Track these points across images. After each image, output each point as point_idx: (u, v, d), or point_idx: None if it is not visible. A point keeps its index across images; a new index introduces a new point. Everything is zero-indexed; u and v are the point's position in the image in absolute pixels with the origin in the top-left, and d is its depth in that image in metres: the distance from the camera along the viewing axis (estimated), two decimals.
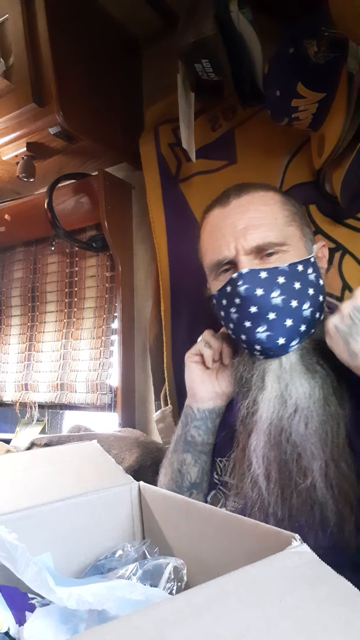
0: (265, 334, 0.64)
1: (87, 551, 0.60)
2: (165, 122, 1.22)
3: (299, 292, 0.65)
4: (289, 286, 0.65)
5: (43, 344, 1.54)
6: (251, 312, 0.65)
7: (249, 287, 0.64)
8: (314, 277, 0.68)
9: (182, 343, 1.16)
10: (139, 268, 1.37)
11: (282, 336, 0.64)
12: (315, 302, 0.67)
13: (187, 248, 1.18)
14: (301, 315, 0.65)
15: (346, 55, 0.79)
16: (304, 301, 0.66)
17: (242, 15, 0.89)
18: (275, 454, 0.62)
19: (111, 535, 0.62)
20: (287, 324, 0.64)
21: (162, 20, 1.27)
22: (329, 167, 0.93)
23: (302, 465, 0.60)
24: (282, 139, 1.03)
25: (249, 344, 0.67)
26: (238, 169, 1.10)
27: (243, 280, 0.65)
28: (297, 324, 0.65)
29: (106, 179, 1.31)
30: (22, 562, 0.44)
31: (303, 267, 0.67)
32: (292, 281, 0.65)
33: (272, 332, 0.64)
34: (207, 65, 0.91)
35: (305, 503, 0.59)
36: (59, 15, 1.10)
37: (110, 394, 1.35)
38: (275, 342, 0.64)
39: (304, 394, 0.63)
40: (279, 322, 0.64)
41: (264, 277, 0.65)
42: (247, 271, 0.65)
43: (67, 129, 1.12)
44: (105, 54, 1.26)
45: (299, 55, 0.79)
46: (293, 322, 0.65)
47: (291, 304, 0.65)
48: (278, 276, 0.65)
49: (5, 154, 1.26)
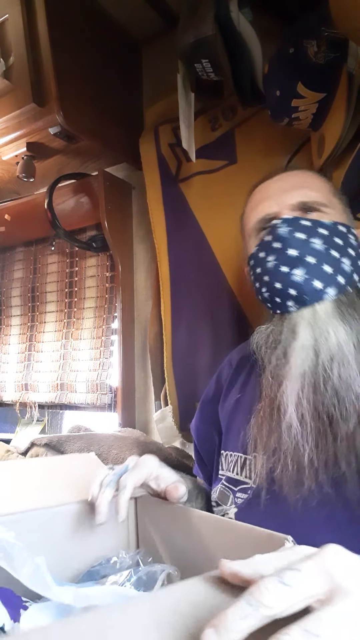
0: (303, 277, 0.62)
1: (81, 558, 0.60)
2: (165, 122, 1.22)
3: (340, 247, 0.65)
4: (330, 238, 0.65)
5: (43, 344, 1.54)
6: (290, 255, 0.63)
7: (290, 230, 0.64)
8: (356, 244, 0.68)
9: (182, 343, 1.17)
10: (139, 268, 1.37)
11: (319, 279, 0.62)
12: (355, 264, 0.66)
13: (187, 248, 1.18)
14: (340, 266, 0.64)
15: (346, 55, 0.79)
16: (344, 255, 0.65)
17: (242, 15, 0.89)
18: (312, 398, 0.59)
19: (106, 543, 0.62)
20: (325, 269, 0.63)
21: (162, 20, 1.27)
22: (329, 167, 0.92)
23: (342, 410, 0.58)
24: (282, 139, 1.03)
25: (283, 293, 0.64)
26: (238, 169, 1.10)
27: (286, 223, 0.65)
28: (335, 272, 0.63)
29: (106, 179, 1.31)
30: (20, 560, 0.44)
31: (346, 230, 0.67)
32: (334, 235, 0.65)
33: (310, 275, 0.62)
34: (207, 65, 0.91)
35: (347, 448, 0.57)
36: (59, 15, 1.10)
37: (110, 394, 1.35)
38: (312, 284, 0.62)
39: (341, 341, 0.60)
40: (317, 266, 0.63)
41: (306, 224, 0.65)
42: (291, 217, 0.66)
43: (67, 129, 1.12)
44: (105, 54, 1.26)
45: (299, 55, 0.79)
46: (332, 270, 0.63)
47: (331, 253, 0.64)
48: (320, 227, 0.65)
49: (5, 154, 1.26)
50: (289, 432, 0.60)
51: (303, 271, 0.62)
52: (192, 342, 1.15)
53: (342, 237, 0.66)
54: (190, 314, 1.16)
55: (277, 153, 1.04)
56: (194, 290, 1.16)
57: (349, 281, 0.65)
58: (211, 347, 1.11)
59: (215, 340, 1.11)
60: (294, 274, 0.63)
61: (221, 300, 1.10)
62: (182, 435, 1.16)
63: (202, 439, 0.86)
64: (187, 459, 1.13)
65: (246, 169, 1.10)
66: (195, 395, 1.14)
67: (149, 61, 1.37)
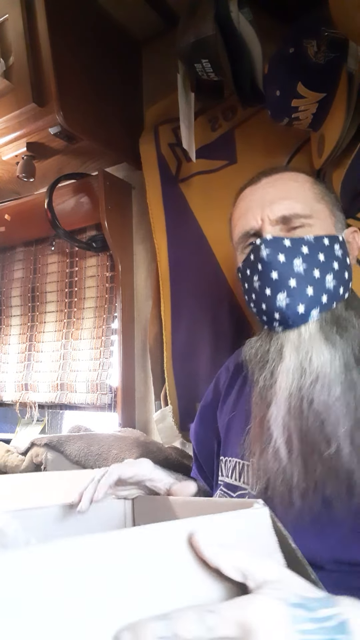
0: (285, 301, 0.63)
1: None
2: (165, 122, 1.22)
3: (323, 264, 0.65)
4: (312, 256, 0.65)
5: (43, 344, 1.54)
6: (272, 278, 0.64)
7: (270, 253, 0.64)
8: (341, 254, 0.67)
9: (182, 343, 1.17)
10: (139, 268, 1.37)
11: (302, 303, 0.63)
12: (340, 277, 0.66)
13: (187, 248, 1.18)
14: (323, 285, 0.64)
15: (346, 55, 0.79)
16: (327, 272, 0.65)
17: (242, 15, 0.89)
18: (297, 423, 0.61)
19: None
20: (308, 292, 0.64)
21: (162, 21, 1.27)
22: (329, 167, 0.92)
23: (326, 433, 0.59)
24: (282, 139, 1.03)
25: (268, 314, 0.66)
26: (238, 169, 1.10)
27: (265, 244, 0.65)
28: (318, 293, 0.64)
29: (106, 179, 1.31)
30: (12, 536, 0.45)
31: (329, 242, 0.67)
32: (316, 252, 0.65)
33: (292, 300, 0.63)
34: (207, 65, 0.91)
35: (330, 472, 0.58)
36: (59, 15, 1.10)
37: (110, 394, 1.35)
38: (295, 309, 0.63)
39: (324, 362, 0.61)
40: (299, 290, 0.63)
41: (287, 244, 0.65)
42: (271, 238, 0.65)
43: (67, 129, 1.12)
44: (105, 54, 1.26)
45: (299, 55, 0.79)
46: (314, 291, 0.64)
47: (313, 273, 0.64)
48: (302, 245, 0.65)
49: (5, 154, 1.26)
50: (276, 456, 0.61)
51: (285, 295, 0.63)
52: (192, 342, 1.15)
53: (326, 251, 0.66)
54: (190, 314, 1.16)
55: (277, 153, 1.04)
56: (193, 290, 1.16)
57: (334, 297, 0.66)
58: (211, 347, 1.11)
59: (215, 340, 1.11)
60: (278, 299, 0.64)
61: (221, 300, 1.10)
62: (182, 435, 1.16)
63: (201, 444, 0.86)
64: (187, 459, 1.13)
65: (246, 169, 1.09)
66: (195, 395, 1.14)
67: (149, 61, 1.37)
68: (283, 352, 0.64)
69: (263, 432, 0.64)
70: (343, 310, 0.66)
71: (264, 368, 0.66)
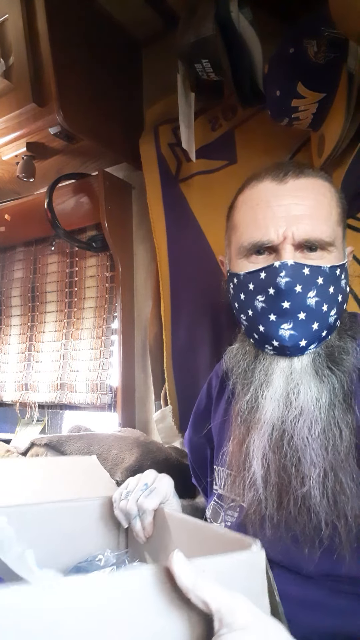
0: (290, 332, 0.60)
1: (71, 554, 0.62)
2: (165, 122, 1.22)
3: (331, 297, 0.62)
4: (325, 288, 0.61)
5: (43, 344, 1.54)
6: (283, 307, 0.60)
7: (290, 281, 0.59)
8: (344, 284, 0.65)
9: (182, 343, 1.17)
10: (139, 268, 1.37)
11: (306, 338, 0.61)
12: (340, 310, 0.64)
13: (187, 248, 1.18)
14: (327, 320, 0.62)
15: (346, 55, 0.79)
16: (333, 307, 0.62)
17: (242, 15, 0.89)
18: (276, 456, 0.60)
19: (95, 543, 0.64)
20: (313, 326, 0.61)
21: (162, 21, 1.27)
22: (329, 167, 0.92)
23: (300, 471, 0.58)
24: (282, 139, 1.03)
25: (265, 338, 0.63)
26: (238, 169, 1.10)
27: (286, 272, 0.59)
28: (321, 328, 0.62)
29: (106, 179, 1.31)
30: (7, 543, 0.45)
31: (339, 272, 0.63)
32: (328, 284, 0.61)
33: (297, 332, 0.61)
34: (207, 65, 0.92)
35: (301, 510, 0.57)
36: (59, 15, 1.10)
37: (110, 394, 1.35)
38: (297, 342, 0.61)
39: (311, 397, 0.60)
40: (306, 324, 0.61)
41: (306, 273, 0.60)
42: (293, 264, 0.60)
43: (67, 129, 1.13)
44: (105, 54, 1.26)
45: (299, 55, 0.79)
46: (319, 326, 0.61)
47: (323, 308, 0.61)
48: (319, 276, 0.61)
49: (5, 154, 1.26)
50: (252, 486, 0.61)
51: (291, 326, 0.61)
52: (192, 342, 1.15)
53: (336, 283, 0.63)
54: (190, 314, 1.16)
55: (277, 153, 1.04)
56: (193, 290, 1.16)
57: (332, 329, 0.64)
58: (211, 347, 1.11)
59: (215, 340, 1.11)
60: (281, 328, 0.61)
61: (221, 300, 1.10)
62: (182, 435, 1.16)
63: (195, 452, 0.85)
64: (187, 459, 1.13)
65: (246, 169, 1.09)
66: (195, 395, 1.14)
67: (149, 61, 1.37)
68: (271, 378, 0.62)
69: (242, 455, 0.63)
70: (337, 339, 0.64)
71: (247, 387, 0.64)
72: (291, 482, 0.58)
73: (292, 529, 0.58)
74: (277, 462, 0.60)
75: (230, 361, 0.70)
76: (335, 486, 0.56)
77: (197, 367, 1.13)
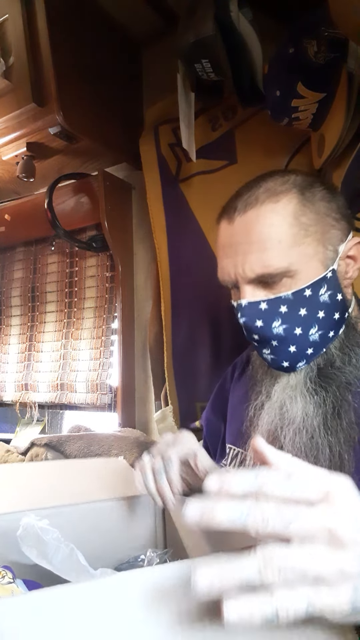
0: (270, 356, 0.65)
1: (109, 555, 0.61)
2: (165, 122, 1.22)
3: (305, 319, 0.63)
4: (292, 314, 0.62)
5: (43, 344, 1.54)
6: (255, 339, 0.65)
7: (247, 320, 0.63)
8: (328, 297, 0.63)
9: (182, 343, 1.17)
10: (139, 268, 1.37)
11: (286, 360, 0.64)
12: (327, 324, 0.64)
13: (187, 248, 1.18)
14: (307, 340, 0.63)
15: (346, 55, 0.79)
16: (311, 326, 0.63)
17: (242, 15, 0.89)
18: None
19: (133, 542, 0.63)
20: (290, 350, 0.63)
21: (162, 21, 1.27)
22: (329, 167, 0.92)
23: None
24: (282, 139, 1.03)
25: (274, 367, 0.68)
26: (238, 169, 1.10)
27: (242, 312, 0.63)
28: (302, 349, 0.64)
29: (106, 179, 1.31)
30: (53, 545, 0.45)
31: (312, 291, 0.62)
32: (296, 309, 0.62)
33: (276, 356, 0.64)
34: (207, 65, 0.91)
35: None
36: (59, 15, 1.10)
37: (110, 394, 1.35)
38: (280, 364, 0.65)
39: (300, 411, 0.63)
40: (282, 349, 0.64)
41: (264, 308, 0.63)
42: (246, 304, 0.63)
43: (67, 129, 1.13)
44: (105, 54, 1.26)
45: (299, 55, 0.79)
46: (297, 348, 0.63)
47: (295, 332, 0.63)
48: (280, 305, 0.62)
49: (5, 154, 1.26)
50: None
51: (269, 352, 0.65)
52: (192, 342, 1.15)
53: (308, 303, 0.62)
54: (190, 314, 1.16)
55: (277, 153, 1.04)
56: (193, 290, 1.16)
57: (322, 345, 0.65)
58: (211, 347, 1.11)
59: (215, 340, 1.11)
60: (264, 352, 0.65)
61: (221, 300, 1.10)
62: None
63: (211, 431, 0.87)
64: None
65: (246, 169, 1.09)
66: (196, 395, 1.14)
67: (149, 61, 1.37)
68: (272, 390, 0.67)
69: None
70: (336, 350, 0.65)
71: (258, 396, 0.69)
72: None
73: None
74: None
75: (255, 361, 0.75)
76: None
77: (197, 367, 1.13)
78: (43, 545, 0.45)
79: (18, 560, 0.49)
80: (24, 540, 0.46)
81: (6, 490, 0.66)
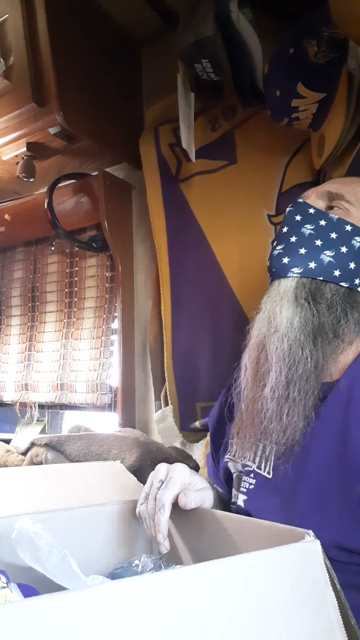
0: (279, 251, 0.69)
1: (105, 559, 0.61)
2: (165, 122, 1.22)
3: (330, 240, 0.68)
4: (325, 231, 0.69)
5: (43, 344, 1.53)
6: (282, 231, 0.71)
7: (292, 211, 0.71)
8: (357, 247, 0.69)
9: (182, 343, 1.17)
10: (139, 268, 1.37)
11: (289, 257, 0.68)
12: (342, 261, 0.68)
13: (187, 248, 1.18)
14: (317, 254, 0.68)
15: (346, 55, 0.79)
16: (330, 248, 0.68)
17: (242, 15, 0.89)
18: (254, 367, 0.69)
19: (129, 547, 0.63)
20: (300, 250, 0.68)
21: (162, 20, 1.27)
22: (329, 167, 0.93)
23: (266, 380, 0.66)
24: (282, 139, 1.03)
25: (269, 267, 0.72)
26: (238, 169, 1.10)
27: (293, 205, 0.71)
28: (308, 256, 0.68)
29: (106, 179, 1.31)
30: (46, 550, 0.45)
31: (351, 230, 0.69)
32: (331, 230, 0.69)
33: (284, 251, 0.69)
34: (207, 65, 0.91)
35: (259, 412, 0.66)
36: (59, 15, 1.10)
37: (110, 394, 1.35)
38: (281, 259, 0.69)
39: (285, 318, 0.66)
40: (294, 246, 0.69)
41: (310, 212, 0.70)
42: (301, 202, 0.72)
43: (67, 129, 1.13)
44: (105, 54, 1.26)
45: (299, 55, 0.79)
46: (305, 253, 0.68)
47: (315, 242, 0.68)
48: (322, 219, 0.70)
49: (5, 154, 1.26)
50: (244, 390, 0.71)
51: (282, 246, 0.70)
52: (192, 342, 1.15)
53: (342, 234, 0.69)
54: (190, 314, 1.16)
55: (277, 153, 1.04)
56: (194, 290, 1.16)
57: (325, 272, 0.68)
58: (211, 347, 1.11)
59: (216, 340, 1.11)
60: (275, 249, 0.71)
61: (221, 300, 1.10)
62: (183, 436, 1.16)
63: (216, 429, 0.85)
64: (187, 460, 1.13)
65: (246, 169, 1.10)
66: (196, 395, 1.14)
67: (149, 61, 1.37)
68: (263, 301, 0.71)
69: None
70: (337, 297, 0.67)
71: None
72: (263, 389, 0.66)
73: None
74: (255, 371, 0.69)
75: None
76: (288, 402, 0.64)
77: (197, 367, 1.13)
78: (36, 549, 0.45)
79: (13, 562, 0.49)
80: (19, 544, 0.46)
81: (2, 494, 0.66)
